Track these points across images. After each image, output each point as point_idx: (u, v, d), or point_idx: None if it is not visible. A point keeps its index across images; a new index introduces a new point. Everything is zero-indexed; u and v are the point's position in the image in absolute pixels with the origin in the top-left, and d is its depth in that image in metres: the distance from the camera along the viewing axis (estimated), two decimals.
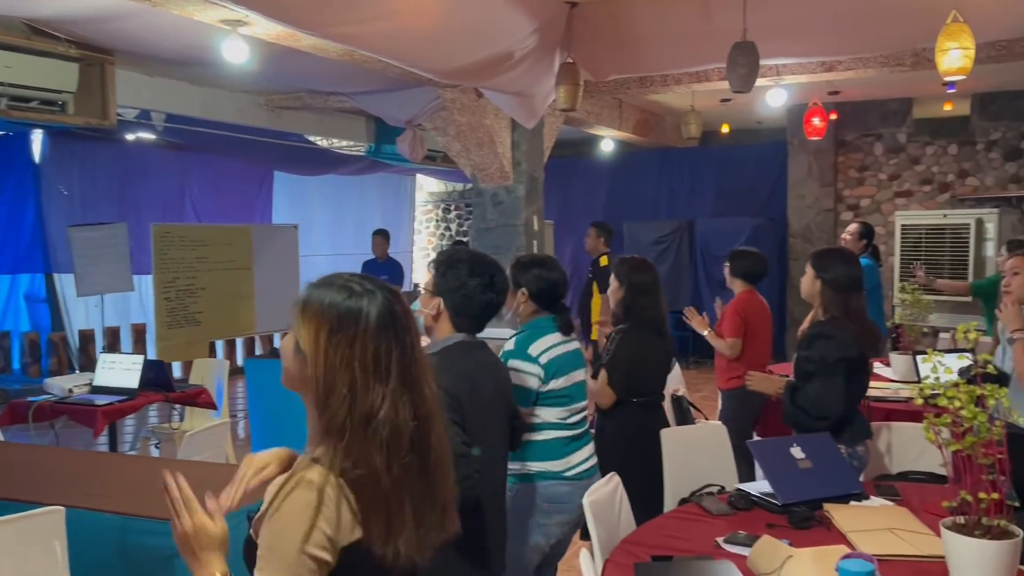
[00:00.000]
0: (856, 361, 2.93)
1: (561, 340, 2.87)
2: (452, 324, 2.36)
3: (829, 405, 2.86)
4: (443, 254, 2.47)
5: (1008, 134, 9.15)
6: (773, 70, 6.11)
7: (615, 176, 11.20)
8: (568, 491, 2.75)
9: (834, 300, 2.99)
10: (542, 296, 2.89)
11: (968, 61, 4.31)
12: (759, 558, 2.02)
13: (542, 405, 2.78)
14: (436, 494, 1.44)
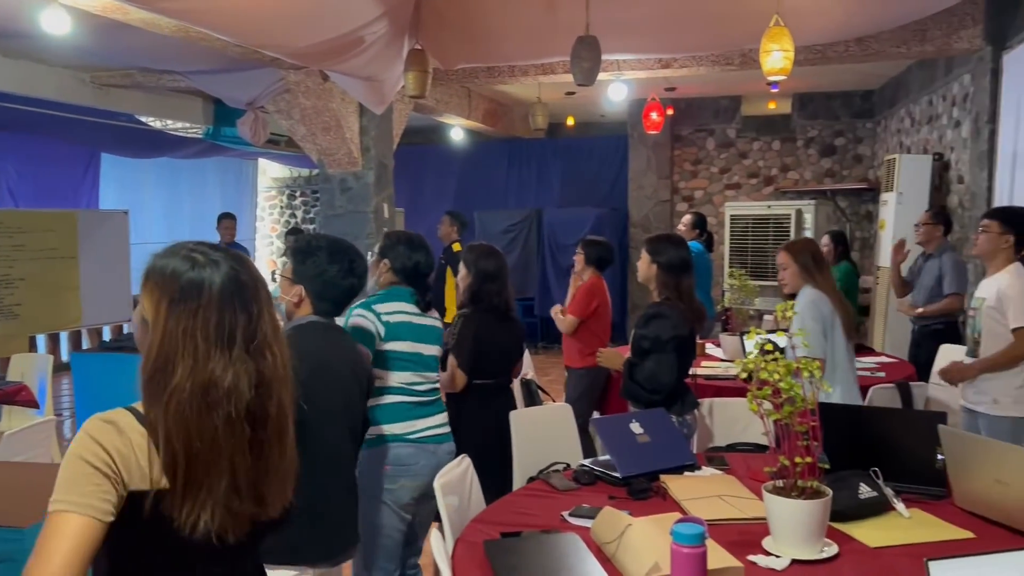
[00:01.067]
0: (687, 338, 3.19)
1: (415, 312, 2.96)
2: (313, 308, 2.43)
3: (663, 379, 3.11)
4: (299, 241, 2.50)
5: (824, 132, 9.97)
6: (614, 65, 6.34)
7: (465, 165, 11.29)
8: (411, 452, 2.83)
9: (667, 282, 3.23)
10: (404, 273, 2.98)
11: (788, 62, 4.65)
12: (601, 528, 2.12)
13: (387, 368, 2.85)
14: (269, 467, 1.43)
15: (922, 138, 7.64)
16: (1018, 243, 3.58)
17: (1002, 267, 3.56)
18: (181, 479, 1.33)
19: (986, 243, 3.60)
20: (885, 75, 8.71)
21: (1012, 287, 3.46)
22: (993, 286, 3.54)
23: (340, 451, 2.45)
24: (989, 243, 3.59)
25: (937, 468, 2.45)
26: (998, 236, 3.56)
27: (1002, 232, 3.55)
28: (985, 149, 5.74)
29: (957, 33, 5.75)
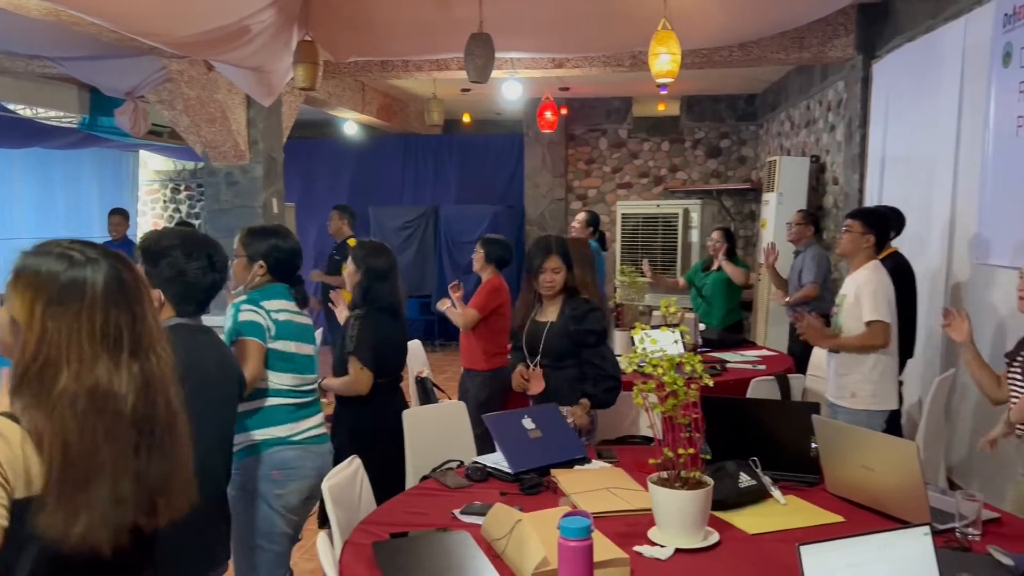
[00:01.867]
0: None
1: (295, 310, 2.85)
2: (175, 311, 2.24)
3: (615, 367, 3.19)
4: (148, 241, 2.28)
5: (710, 134, 10.32)
6: (509, 63, 6.37)
7: (360, 160, 11.11)
8: (298, 455, 2.74)
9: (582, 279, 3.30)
10: (280, 268, 2.85)
11: (675, 65, 4.79)
12: (491, 525, 2.12)
13: (272, 368, 2.73)
14: (160, 472, 1.37)
15: (800, 141, 8.02)
16: (878, 243, 3.79)
17: (862, 264, 3.72)
18: (59, 486, 1.26)
19: (849, 242, 3.76)
20: (767, 80, 9.10)
21: (868, 283, 3.62)
22: (853, 284, 3.70)
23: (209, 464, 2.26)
24: (852, 242, 3.75)
25: (811, 456, 2.57)
26: (860, 236, 3.73)
27: (864, 232, 3.72)
28: (857, 152, 6.08)
29: (831, 42, 6.06)
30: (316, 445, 2.82)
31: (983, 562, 1.94)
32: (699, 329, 5.38)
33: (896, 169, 5.47)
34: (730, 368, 4.62)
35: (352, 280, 3.43)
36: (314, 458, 2.77)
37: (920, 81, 5.08)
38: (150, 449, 1.36)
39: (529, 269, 3.39)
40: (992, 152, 4.13)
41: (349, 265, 3.44)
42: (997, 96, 4.09)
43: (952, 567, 1.87)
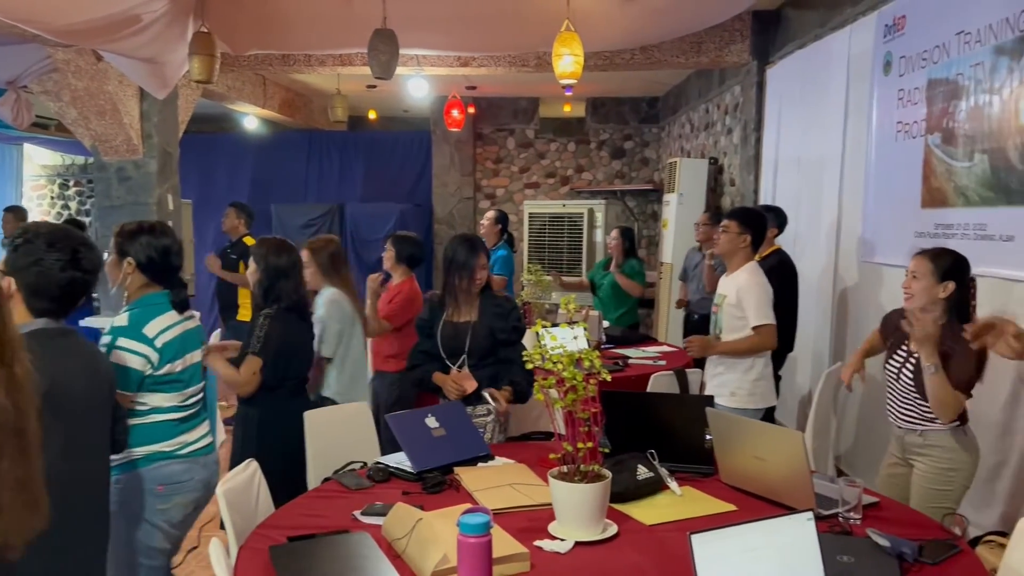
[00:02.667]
0: None
1: (178, 320, 2.65)
2: (28, 308, 2.06)
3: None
4: (19, 229, 2.15)
5: (614, 135, 10.52)
6: (414, 60, 6.33)
7: (262, 156, 10.81)
8: (184, 468, 2.61)
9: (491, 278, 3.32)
10: (152, 266, 2.62)
11: (579, 67, 4.85)
12: (392, 525, 2.10)
13: (152, 391, 2.55)
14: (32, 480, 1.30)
15: (700, 143, 8.27)
16: (754, 243, 3.84)
17: (740, 265, 3.78)
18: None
19: (726, 242, 3.81)
20: (668, 83, 9.34)
21: (750, 286, 3.69)
22: (733, 285, 3.77)
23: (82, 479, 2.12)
24: (729, 242, 3.80)
25: (706, 448, 2.65)
26: (737, 236, 3.78)
27: (740, 232, 3.77)
28: (752, 155, 6.31)
29: (728, 47, 6.27)
30: (203, 456, 2.68)
31: (863, 544, 2.04)
32: (603, 326, 5.48)
33: (788, 171, 5.71)
34: (632, 364, 4.71)
35: (254, 279, 3.33)
36: (200, 470, 2.65)
37: (809, 87, 5.32)
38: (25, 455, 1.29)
39: (455, 267, 3.31)
40: (874, 156, 4.35)
41: (251, 263, 3.34)
42: (879, 102, 4.32)
43: (834, 550, 1.97)
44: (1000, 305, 3.27)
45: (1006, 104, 3.24)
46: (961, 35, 3.56)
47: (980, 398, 3.32)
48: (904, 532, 2.12)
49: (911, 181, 3.92)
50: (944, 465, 2.79)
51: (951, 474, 2.78)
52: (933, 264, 2.82)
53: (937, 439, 2.80)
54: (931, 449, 2.81)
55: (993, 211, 3.32)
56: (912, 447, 2.87)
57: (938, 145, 3.73)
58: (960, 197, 3.55)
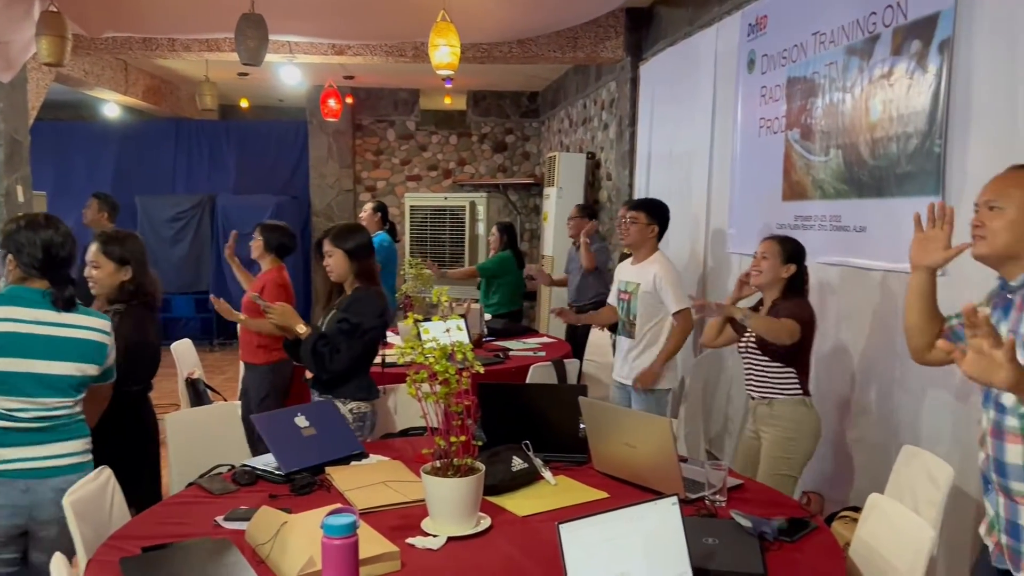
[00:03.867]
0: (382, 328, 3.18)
1: (40, 320, 2.42)
2: None
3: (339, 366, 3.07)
4: None
5: (495, 129, 10.55)
6: (286, 47, 6.12)
7: (126, 146, 10.23)
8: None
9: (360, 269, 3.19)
10: (35, 265, 2.46)
11: (455, 58, 4.81)
12: (256, 530, 2.01)
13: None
14: None
15: (579, 138, 8.39)
16: (661, 232, 4.04)
17: (649, 254, 3.97)
18: None
19: (636, 233, 3.98)
20: (548, 78, 9.43)
21: (667, 274, 3.87)
22: (647, 273, 3.92)
23: None
24: (638, 233, 3.97)
25: (580, 437, 2.68)
26: (645, 226, 3.96)
27: (648, 223, 3.96)
28: (627, 150, 6.45)
29: (603, 43, 6.38)
30: (26, 480, 2.41)
31: (727, 526, 2.10)
32: (485, 319, 5.48)
33: (660, 165, 5.87)
34: (513, 356, 4.73)
35: (105, 274, 3.10)
36: (16, 495, 2.39)
37: (680, 83, 5.48)
38: None
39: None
40: (739, 151, 4.52)
41: (98, 258, 3.09)
42: (743, 99, 4.49)
43: (700, 532, 2.02)
44: (854, 292, 3.46)
45: (857, 102, 3.42)
46: (817, 35, 3.74)
47: (836, 378, 3.52)
48: (765, 512, 2.21)
49: (773, 175, 4.09)
50: (787, 434, 3.08)
51: (792, 443, 3.07)
52: (781, 247, 3.16)
53: (782, 409, 3.09)
54: (777, 419, 3.10)
55: (847, 203, 3.50)
56: (762, 418, 3.15)
57: (797, 140, 3.91)
58: (817, 190, 3.73)
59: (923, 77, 2.99)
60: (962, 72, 2.81)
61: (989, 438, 1.85)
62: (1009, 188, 1.84)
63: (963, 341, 2.09)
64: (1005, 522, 1.83)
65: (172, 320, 10.01)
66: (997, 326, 1.85)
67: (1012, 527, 1.81)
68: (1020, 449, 1.77)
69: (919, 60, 3.01)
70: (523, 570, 1.91)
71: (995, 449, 1.83)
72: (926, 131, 2.97)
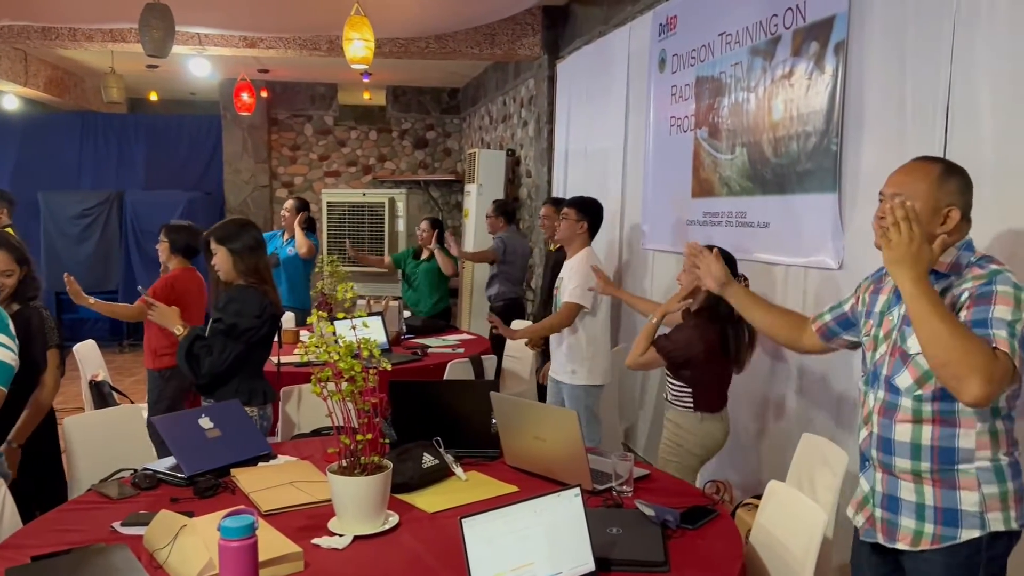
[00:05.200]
0: (268, 327, 3.07)
1: None
2: None
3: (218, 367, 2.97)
4: None
5: (416, 125, 10.48)
6: (196, 39, 5.95)
7: (26, 139, 9.78)
8: None
9: (247, 267, 3.08)
10: None
11: (369, 52, 4.76)
12: (154, 534, 1.95)
13: None
14: None
15: (499, 135, 8.41)
16: (591, 229, 4.05)
17: (578, 251, 3.98)
18: None
19: (566, 229, 3.99)
20: (468, 75, 9.42)
21: (575, 267, 3.89)
22: (569, 268, 3.96)
23: None
24: (568, 229, 3.98)
25: (492, 432, 2.69)
26: (575, 223, 3.96)
27: (578, 219, 3.96)
28: (545, 147, 6.50)
29: (520, 40, 6.41)
30: None
31: (632, 515, 2.14)
32: (403, 317, 5.44)
33: (577, 162, 5.93)
34: (432, 353, 4.71)
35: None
36: None
37: (595, 82, 5.55)
38: None
39: None
40: (652, 149, 4.61)
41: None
42: (655, 98, 4.58)
43: (605, 522, 2.05)
44: (760, 286, 3.57)
45: (760, 101, 3.53)
46: (723, 36, 3.84)
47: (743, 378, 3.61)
48: (670, 501, 2.26)
49: (683, 173, 4.18)
50: (673, 439, 3.15)
51: (678, 448, 3.14)
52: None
53: (674, 416, 3.16)
54: (669, 423, 3.18)
55: (751, 200, 3.61)
56: (665, 419, 3.23)
57: (705, 139, 4.00)
58: (724, 187, 3.83)
59: (821, 77, 3.10)
60: (855, 73, 2.93)
61: (876, 416, 1.92)
62: (913, 180, 1.87)
63: (839, 337, 2.20)
64: (882, 496, 1.92)
65: (79, 320, 9.61)
66: (890, 309, 1.93)
67: (890, 500, 1.90)
68: (909, 428, 1.84)
69: (817, 61, 3.12)
70: (427, 567, 1.90)
71: (881, 428, 1.90)
72: (824, 130, 3.08)
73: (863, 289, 2.10)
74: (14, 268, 2.93)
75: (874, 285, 2.06)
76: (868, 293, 2.06)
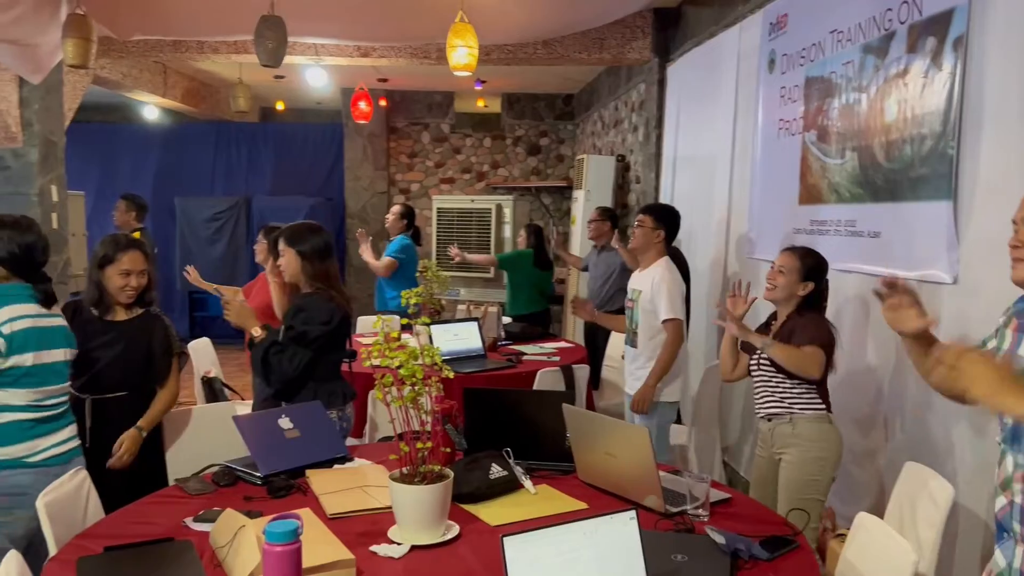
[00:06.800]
0: (337, 331, 3.08)
1: (37, 312, 2.59)
2: None
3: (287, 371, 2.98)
4: None
5: (530, 132, 10.49)
6: (312, 49, 6.16)
7: (167, 147, 10.46)
8: (31, 480, 2.46)
9: (314, 271, 3.10)
10: (15, 263, 2.60)
11: (473, 59, 4.77)
12: (218, 532, 1.99)
13: (5, 387, 2.49)
14: None
15: (610, 141, 8.29)
16: (668, 238, 3.91)
17: (654, 260, 3.82)
18: None
19: (641, 237, 3.86)
20: (582, 80, 9.35)
21: (663, 280, 3.71)
22: (648, 280, 3.79)
23: None
24: (643, 237, 3.85)
25: (567, 445, 2.61)
26: (651, 231, 3.83)
27: (655, 227, 3.83)
28: (653, 152, 6.34)
29: (630, 44, 6.28)
30: (58, 466, 2.53)
31: (701, 542, 2.02)
32: (502, 323, 5.43)
33: (684, 168, 5.75)
34: (526, 360, 4.67)
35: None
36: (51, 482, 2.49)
37: (704, 84, 5.36)
38: None
39: None
40: (759, 153, 4.40)
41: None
42: (764, 100, 4.37)
43: (670, 548, 1.94)
44: (870, 300, 3.32)
45: (872, 102, 3.29)
46: (835, 33, 3.61)
47: (852, 390, 3.37)
48: (748, 528, 2.11)
49: (790, 178, 3.96)
50: (813, 454, 2.86)
51: (820, 463, 2.86)
52: (800, 263, 2.97)
53: (805, 428, 2.88)
54: (799, 439, 2.88)
55: (861, 207, 3.37)
56: (781, 438, 2.93)
57: (814, 143, 3.77)
58: (833, 194, 3.60)
59: (937, 76, 2.85)
60: (975, 71, 2.67)
61: (1018, 484, 1.65)
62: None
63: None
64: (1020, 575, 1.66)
65: (209, 319, 10.19)
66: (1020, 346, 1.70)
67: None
68: None
69: (933, 58, 2.88)
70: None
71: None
72: (940, 133, 2.83)
73: (1004, 324, 1.79)
74: (147, 269, 3.07)
75: (1018, 321, 1.74)
76: (1011, 330, 1.75)
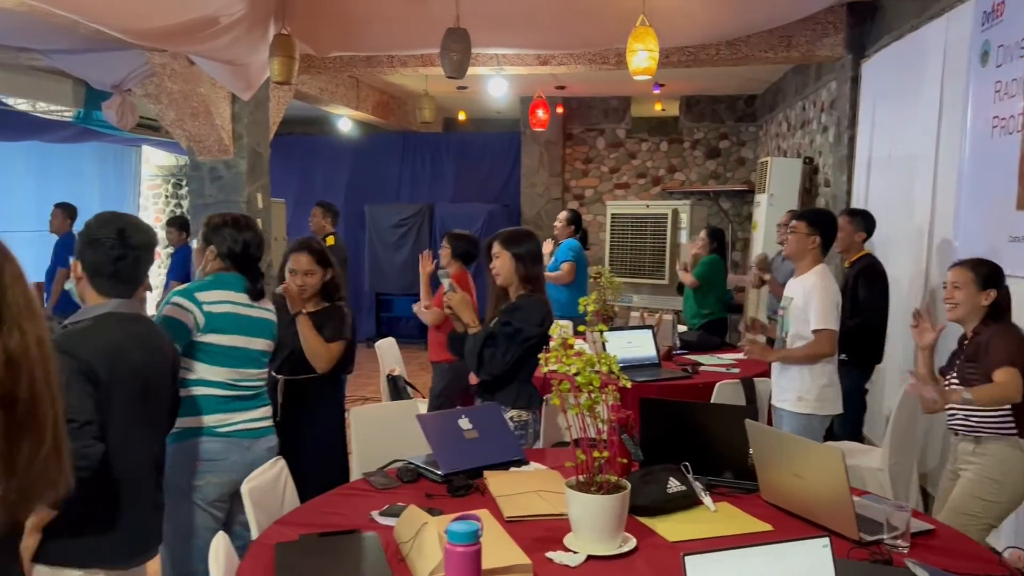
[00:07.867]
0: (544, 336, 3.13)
1: (244, 302, 2.83)
2: (96, 290, 2.24)
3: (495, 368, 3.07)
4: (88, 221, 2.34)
5: (709, 134, 10.21)
6: (494, 60, 6.31)
7: (358, 157, 11.11)
8: (221, 448, 2.70)
9: (528, 274, 3.18)
10: (233, 257, 2.85)
11: (653, 63, 4.71)
12: (402, 528, 2.06)
13: (198, 359, 2.71)
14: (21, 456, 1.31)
15: (796, 142, 7.91)
16: (824, 244, 3.68)
17: (810, 267, 3.63)
18: None
19: (795, 243, 3.67)
20: (766, 80, 8.99)
21: (817, 289, 3.52)
22: (800, 287, 3.61)
23: (143, 451, 2.29)
24: (797, 243, 3.66)
25: (750, 463, 2.49)
26: (805, 237, 3.63)
27: (809, 233, 3.63)
28: (845, 154, 5.97)
29: (820, 40, 5.96)
30: (248, 439, 2.77)
31: (900, 575, 1.86)
32: (678, 331, 5.31)
33: (880, 170, 5.37)
34: (703, 371, 4.53)
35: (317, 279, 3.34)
36: (241, 452, 2.73)
37: (904, 80, 4.98)
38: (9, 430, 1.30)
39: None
40: (969, 154, 4.02)
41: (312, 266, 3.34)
42: (975, 96, 3.99)
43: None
44: None
45: None
46: None
47: None
48: (955, 564, 1.93)
49: (1006, 181, 3.59)
50: (992, 475, 2.71)
51: (997, 485, 2.69)
52: (974, 273, 2.82)
53: (990, 447, 2.73)
54: (981, 457, 2.74)
55: None
56: (964, 454, 2.81)
57: None
58: None
59: None
60: None
61: None
62: None
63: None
64: None
65: (394, 319, 10.71)
66: None
67: None
68: None
69: None
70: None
71: None
72: None
73: None
74: (315, 269, 3.28)
75: None
76: None
